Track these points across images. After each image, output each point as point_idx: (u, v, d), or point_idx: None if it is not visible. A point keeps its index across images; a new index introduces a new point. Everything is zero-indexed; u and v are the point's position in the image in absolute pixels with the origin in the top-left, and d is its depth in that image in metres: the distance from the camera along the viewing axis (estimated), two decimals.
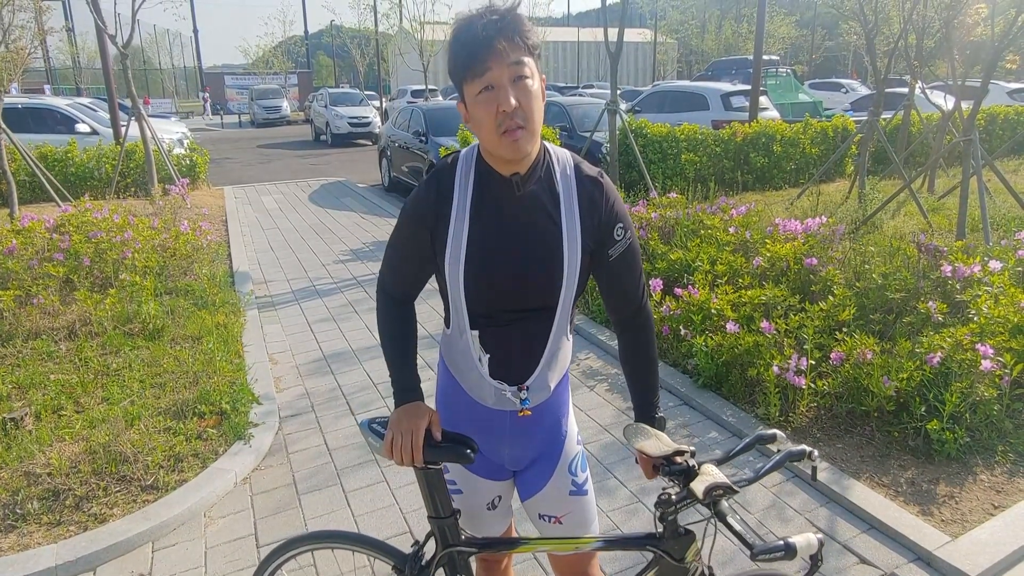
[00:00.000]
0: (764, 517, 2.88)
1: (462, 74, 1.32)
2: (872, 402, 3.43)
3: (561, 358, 1.55)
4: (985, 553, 2.57)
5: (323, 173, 14.04)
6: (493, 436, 1.57)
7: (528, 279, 1.42)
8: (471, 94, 1.32)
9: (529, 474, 1.63)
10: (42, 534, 2.74)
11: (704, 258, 5.01)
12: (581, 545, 1.44)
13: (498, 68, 1.28)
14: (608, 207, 1.45)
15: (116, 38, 9.41)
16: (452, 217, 1.41)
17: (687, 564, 1.38)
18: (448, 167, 1.46)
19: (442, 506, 1.49)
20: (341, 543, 1.67)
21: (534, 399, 1.53)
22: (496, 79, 1.29)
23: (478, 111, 1.32)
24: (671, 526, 1.36)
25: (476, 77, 1.30)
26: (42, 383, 3.93)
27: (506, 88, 1.29)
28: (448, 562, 1.53)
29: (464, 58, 1.30)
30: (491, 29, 1.28)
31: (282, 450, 3.49)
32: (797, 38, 39.21)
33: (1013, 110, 12.58)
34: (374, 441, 1.46)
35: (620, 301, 1.55)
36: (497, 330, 1.46)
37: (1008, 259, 4.55)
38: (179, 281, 5.76)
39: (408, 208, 1.48)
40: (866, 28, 8.59)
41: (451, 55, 1.34)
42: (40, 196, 9.15)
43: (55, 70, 36.35)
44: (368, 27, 28.50)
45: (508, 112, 1.29)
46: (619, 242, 1.47)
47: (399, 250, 1.53)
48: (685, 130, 9.57)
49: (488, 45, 1.28)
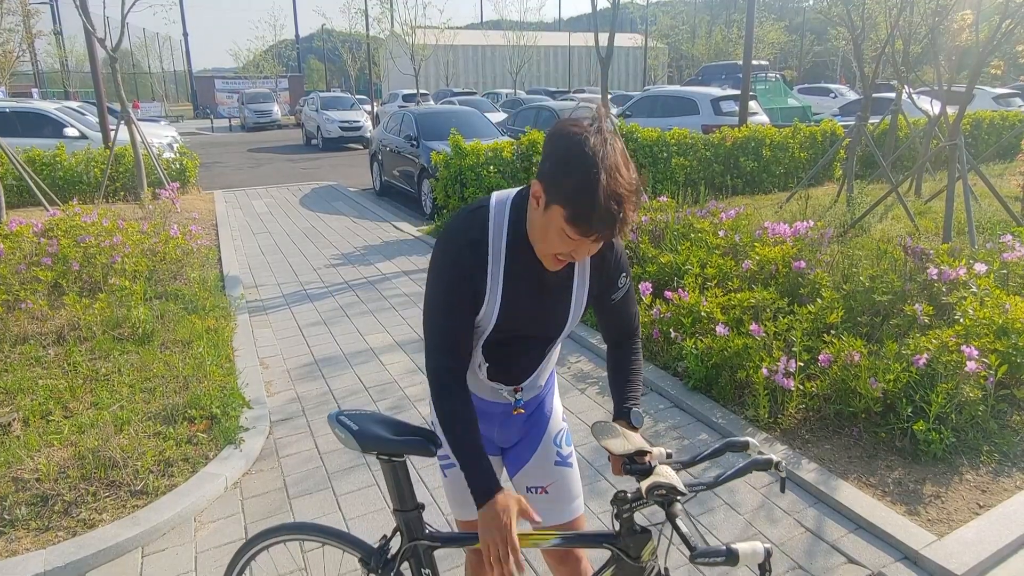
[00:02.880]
0: (753, 518, 2.90)
1: (569, 216, 1.26)
2: (860, 403, 3.46)
3: (552, 360, 1.72)
4: (970, 552, 2.60)
5: (314, 177, 14.02)
6: (485, 420, 1.69)
7: (539, 325, 1.55)
8: (559, 224, 1.29)
9: (517, 448, 1.76)
10: (30, 540, 2.73)
11: (694, 261, 5.04)
12: (540, 541, 1.45)
13: (599, 241, 1.32)
14: (615, 262, 1.57)
15: (105, 41, 9.38)
16: (489, 275, 1.45)
17: (643, 563, 1.39)
18: (483, 224, 1.44)
19: (407, 499, 1.53)
20: (310, 535, 1.70)
21: (526, 396, 1.68)
22: (589, 244, 1.33)
23: (553, 236, 1.32)
24: (627, 524, 1.37)
25: (575, 230, 1.27)
26: (30, 388, 3.90)
27: (588, 250, 1.36)
28: (412, 555, 1.56)
29: (581, 215, 1.25)
30: (615, 219, 1.25)
31: (273, 454, 3.48)
32: (786, 43, 39.50)
33: (998, 115, 12.72)
34: (341, 432, 1.49)
35: (615, 331, 1.69)
36: (500, 346, 1.57)
37: (993, 262, 4.61)
38: (169, 285, 5.73)
39: (454, 272, 1.43)
40: (854, 34, 8.68)
41: (572, 185, 1.24)
42: (28, 200, 9.10)
43: (43, 73, 36.13)
44: (359, 31, 28.51)
45: (571, 258, 1.38)
46: (621, 288, 1.61)
47: (455, 302, 1.44)
48: (675, 134, 9.63)
49: (606, 230, 1.26)
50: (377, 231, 8.75)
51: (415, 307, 5.74)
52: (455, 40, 29.14)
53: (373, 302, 5.88)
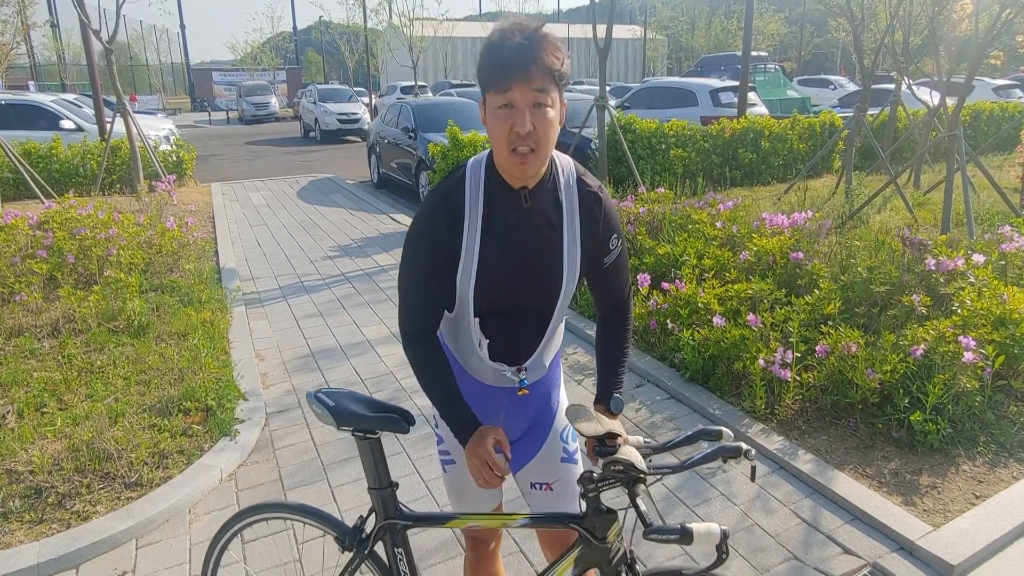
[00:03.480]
0: (748, 509, 2.90)
1: (487, 84, 1.34)
2: (856, 394, 3.45)
3: (556, 339, 1.67)
4: (966, 542, 2.60)
5: (312, 170, 13.97)
6: (491, 409, 1.66)
7: (532, 286, 1.51)
8: (492, 105, 1.35)
9: (522, 443, 1.73)
10: (24, 532, 2.72)
11: (691, 252, 5.02)
12: (509, 522, 1.48)
13: (520, 90, 1.30)
14: (605, 221, 1.54)
15: (101, 33, 9.32)
16: (465, 233, 1.44)
17: (608, 544, 1.40)
18: (457, 183, 1.47)
19: (382, 476, 1.57)
20: (288, 514, 1.76)
21: (531, 378, 1.64)
22: (517, 100, 1.31)
23: (494, 123, 1.35)
24: (593, 503, 1.38)
25: (500, 92, 1.32)
26: (25, 381, 3.89)
27: (524, 111, 1.31)
28: (387, 534, 1.60)
29: (492, 71, 1.32)
30: (524, 51, 1.29)
31: (268, 446, 3.47)
32: (786, 35, 39.32)
33: (998, 106, 12.67)
34: (317, 408, 1.55)
35: (607, 299, 1.66)
36: (498, 319, 1.53)
37: (991, 253, 4.59)
38: (165, 278, 5.71)
39: (420, 231, 1.47)
40: (853, 24, 8.63)
41: (481, 62, 1.35)
42: (23, 193, 9.06)
43: (40, 66, 35.95)
44: (357, 23, 28.36)
45: (521, 135, 1.32)
46: (612, 251, 1.57)
47: (422, 275, 1.48)
48: (674, 126, 9.59)
49: (517, 66, 1.29)
50: (374, 223, 8.73)
51: None
52: (453, 32, 28.89)
53: (370, 294, 5.86)
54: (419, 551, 2.67)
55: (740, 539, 2.72)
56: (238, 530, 1.82)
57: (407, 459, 3.32)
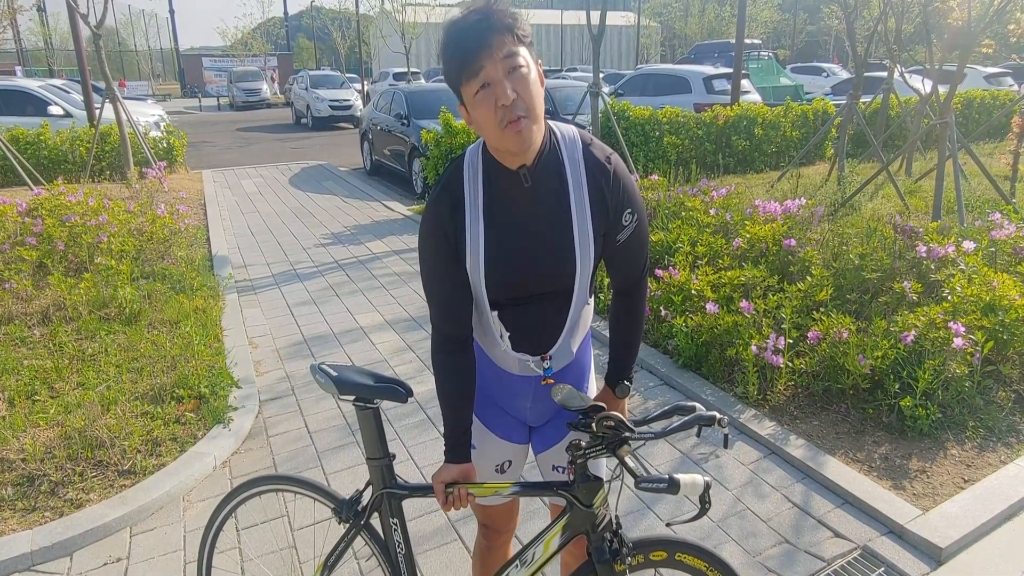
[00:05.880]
0: (741, 493, 2.92)
1: (458, 77, 1.31)
2: (848, 380, 3.48)
3: (583, 323, 1.60)
4: (955, 526, 2.63)
5: (304, 156, 13.88)
6: (519, 396, 1.64)
7: (545, 270, 1.44)
8: (469, 95, 1.31)
9: (548, 427, 1.70)
10: (17, 520, 2.71)
11: (685, 239, 5.03)
12: (500, 490, 1.50)
13: (491, 64, 1.27)
14: (616, 194, 1.44)
15: (89, 18, 9.20)
16: (467, 222, 1.41)
17: (594, 510, 1.43)
18: (454, 172, 1.44)
19: (380, 447, 1.62)
20: (286, 486, 1.80)
21: (557, 365, 1.59)
22: (491, 75, 1.28)
23: (478, 111, 1.31)
24: (580, 470, 1.41)
25: (472, 77, 1.29)
26: (15, 369, 3.87)
27: (502, 82, 1.28)
28: (383, 504, 1.63)
29: (457, 60, 1.29)
30: (479, 27, 1.27)
31: (262, 433, 3.47)
32: (779, 22, 39.22)
33: (989, 94, 12.71)
34: (321, 378, 1.60)
35: (622, 275, 1.59)
36: (516, 308, 1.49)
37: (981, 239, 4.62)
38: (156, 265, 5.68)
39: (428, 228, 1.45)
40: (847, 12, 8.62)
41: (445, 61, 1.32)
42: (12, 180, 8.97)
43: (27, 51, 35.49)
44: (349, 9, 28.16)
45: (507, 105, 1.28)
46: (627, 227, 1.47)
47: (440, 272, 1.45)
48: (667, 113, 9.57)
49: (478, 43, 1.26)
50: (367, 210, 8.69)
51: (405, 286, 5.71)
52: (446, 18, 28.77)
53: (363, 281, 5.85)
54: (414, 537, 2.69)
55: (732, 524, 2.74)
56: (236, 505, 1.85)
57: (400, 445, 3.33)
